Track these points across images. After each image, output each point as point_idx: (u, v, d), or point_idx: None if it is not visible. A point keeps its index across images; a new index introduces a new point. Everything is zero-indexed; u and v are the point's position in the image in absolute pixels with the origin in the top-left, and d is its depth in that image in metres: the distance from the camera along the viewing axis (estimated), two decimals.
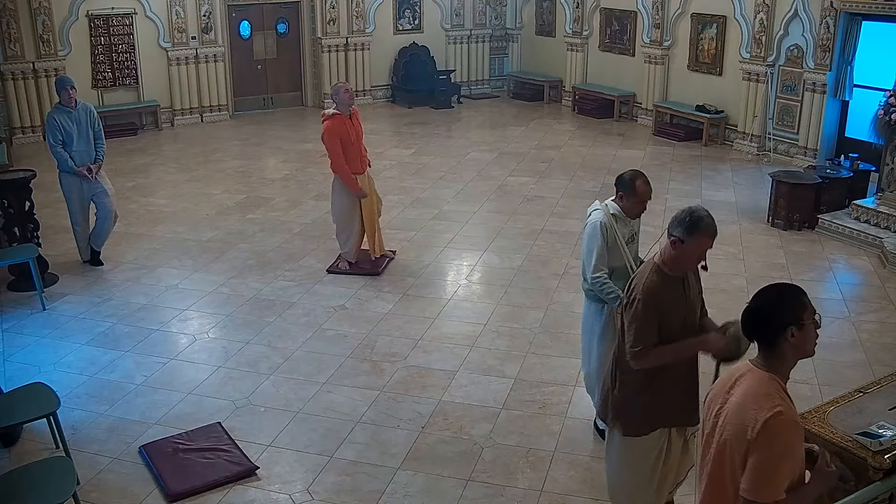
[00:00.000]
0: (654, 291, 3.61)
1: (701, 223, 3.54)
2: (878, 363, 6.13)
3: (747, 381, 2.77)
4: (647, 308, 3.61)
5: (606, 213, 4.77)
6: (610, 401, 3.97)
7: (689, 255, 3.61)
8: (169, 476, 4.81)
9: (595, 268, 4.74)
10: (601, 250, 4.72)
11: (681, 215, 3.60)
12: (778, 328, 2.72)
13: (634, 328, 3.65)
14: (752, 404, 2.69)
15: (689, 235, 3.55)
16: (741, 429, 2.70)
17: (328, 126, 7.49)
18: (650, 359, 3.68)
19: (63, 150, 7.67)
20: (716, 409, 2.86)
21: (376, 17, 15.86)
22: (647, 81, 14.26)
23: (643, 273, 3.69)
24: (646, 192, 4.67)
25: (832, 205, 9.24)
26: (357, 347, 6.45)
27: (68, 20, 13.10)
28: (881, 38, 10.89)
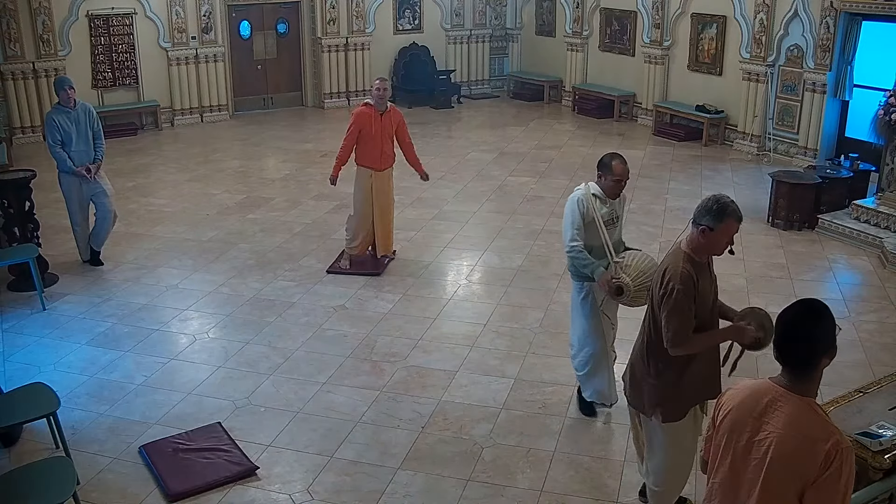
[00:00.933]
0: (691, 278, 3.69)
1: (728, 209, 3.68)
2: (878, 363, 6.13)
3: (788, 411, 2.66)
4: (687, 295, 3.68)
5: (587, 191, 5.04)
6: (646, 390, 4.01)
7: (719, 241, 3.72)
8: (169, 476, 4.81)
9: (571, 238, 5.02)
10: (577, 223, 5.01)
11: (707, 204, 3.70)
12: (819, 353, 2.67)
13: (676, 316, 3.71)
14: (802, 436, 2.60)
15: (718, 222, 3.66)
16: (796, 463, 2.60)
17: (356, 111, 7.64)
18: (690, 345, 3.76)
19: (62, 151, 7.66)
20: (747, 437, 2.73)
21: (376, 17, 15.86)
22: (647, 81, 14.26)
23: (675, 263, 3.74)
24: (622, 171, 4.97)
25: (832, 205, 9.24)
26: (357, 347, 6.45)
27: (68, 20, 13.11)
28: (881, 38, 10.89)
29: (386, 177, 7.81)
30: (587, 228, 5.01)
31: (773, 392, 2.71)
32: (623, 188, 5.08)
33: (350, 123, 7.62)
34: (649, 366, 3.98)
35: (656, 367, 3.95)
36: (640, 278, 4.87)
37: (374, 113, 7.54)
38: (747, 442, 2.72)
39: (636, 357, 4.11)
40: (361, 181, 7.75)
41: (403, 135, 7.83)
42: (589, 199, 5.00)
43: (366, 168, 7.69)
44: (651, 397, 4.00)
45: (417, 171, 8.06)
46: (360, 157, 7.69)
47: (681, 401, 3.96)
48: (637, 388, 4.10)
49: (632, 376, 4.15)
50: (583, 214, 4.99)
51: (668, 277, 3.73)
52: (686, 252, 3.76)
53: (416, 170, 8.06)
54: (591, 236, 5.02)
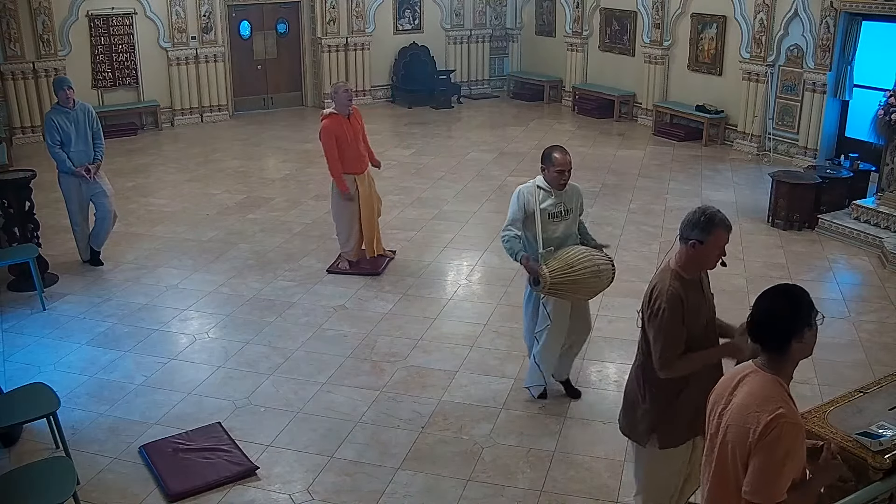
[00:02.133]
0: (678, 297, 3.56)
1: (715, 219, 3.55)
2: (878, 363, 6.13)
3: (750, 383, 2.78)
4: (673, 316, 3.56)
5: (532, 184, 5.30)
6: (639, 415, 3.88)
7: (709, 254, 3.60)
8: (169, 476, 4.81)
9: (506, 227, 5.30)
10: (515, 214, 5.26)
11: (693, 217, 3.58)
12: (790, 334, 2.72)
13: (662, 337, 3.59)
14: (754, 407, 2.70)
15: (707, 234, 3.54)
16: (743, 431, 2.70)
17: (325, 125, 7.54)
18: (679, 367, 3.63)
19: (61, 151, 7.66)
20: (719, 410, 2.86)
21: (376, 17, 15.86)
22: (647, 81, 14.26)
23: (663, 281, 3.62)
24: (562, 161, 5.21)
25: (832, 205, 9.24)
26: (357, 347, 6.45)
27: (68, 20, 13.11)
28: (881, 38, 10.89)
29: (367, 178, 7.81)
30: (527, 220, 5.24)
31: (747, 370, 2.84)
32: (567, 178, 5.25)
33: (323, 139, 7.51)
34: (644, 390, 3.84)
35: (651, 392, 3.81)
36: (565, 271, 5.01)
37: (342, 119, 7.53)
38: (719, 414, 2.86)
39: (631, 383, 3.98)
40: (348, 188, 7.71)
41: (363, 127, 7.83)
42: (532, 191, 5.23)
43: (348, 175, 7.61)
44: (646, 424, 3.86)
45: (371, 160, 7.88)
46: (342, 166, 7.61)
47: (677, 425, 3.80)
48: (630, 416, 3.96)
49: (625, 404, 4.02)
50: (523, 206, 5.23)
51: (656, 297, 3.62)
52: (675, 270, 3.62)
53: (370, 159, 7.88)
54: (528, 226, 5.26)
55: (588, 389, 5.86)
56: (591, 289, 5.21)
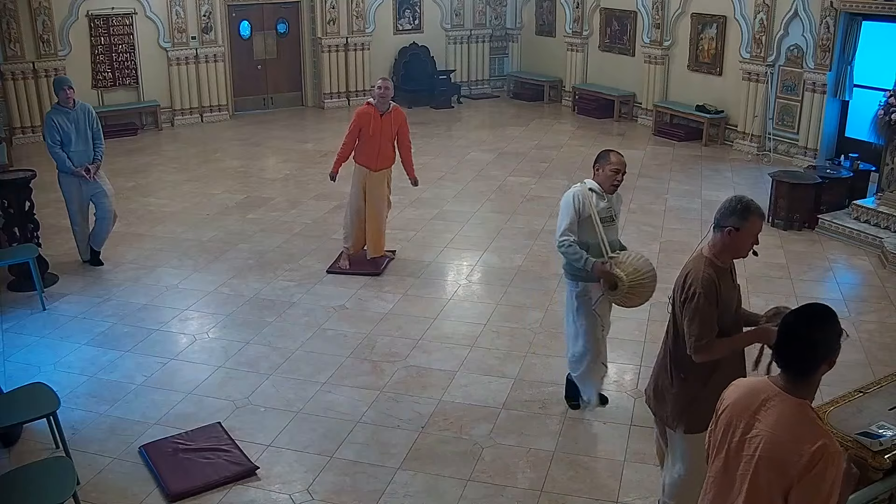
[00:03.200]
0: (713, 283, 3.63)
1: (751, 206, 3.62)
2: (878, 363, 6.13)
3: (779, 410, 2.68)
4: (709, 300, 3.62)
5: (583, 187, 5.05)
6: (669, 400, 3.93)
7: (744, 241, 3.66)
8: (169, 476, 4.81)
9: (563, 232, 4.98)
10: (571, 219, 4.97)
11: (730, 204, 3.64)
12: (819, 361, 2.67)
13: (698, 321, 3.64)
14: (790, 437, 2.61)
15: (743, 220, 3.60)
16: (781, 463, 2.62)
17: (357, 111, 7.70)
18: (713, 351, 3.68)
19: (61, 151, 7.66)
20: (740, 433, 2.76)
21: (376, 17, 15.86)
22: (647, 81, 14.26)
23: (697, 268, 3.69)
24: (619, 160, 5.02)
25: (832, 205, 9.24)
26: (357, 347, 6.45)
27: (68, 20, 13.10)
28: (881, 38, 10.89)
29: (380, 178, 7.81)
30: (583, 225, 4.98)
31: (769, 391, 2.74)
32: (620, 181, 5.04)
33: (351, 122, 7.66)
34: (672, 376, 3.89)
35: (679, 377, 3.86)
36: (635, 275, 4.87)
37: (374, 112, 7.56)
38: (740, 438, 2.76)
39: (659, 368, 4.03)
40: (357, 178, 7.78)
41: (404, 137, 7.82)
42: (586, 194, 4.99)
43: (361, 167, 7.70)
44: (674, 408, 3.90)
45: (409, 174, 8.04)
46: (357, 155, 7.71)
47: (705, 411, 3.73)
48: (661, 400, 4.00)
49: (655, 388, 4.06)
50: (578, 210, 4.97)
51: (690, 282, 3.67)
52: (708, 257, 3.69)
53: (408, 173, 8.03)
54: (587, 233, 4.99)
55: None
56: (648, 293, 5.02)
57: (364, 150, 7.64)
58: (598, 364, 5.40)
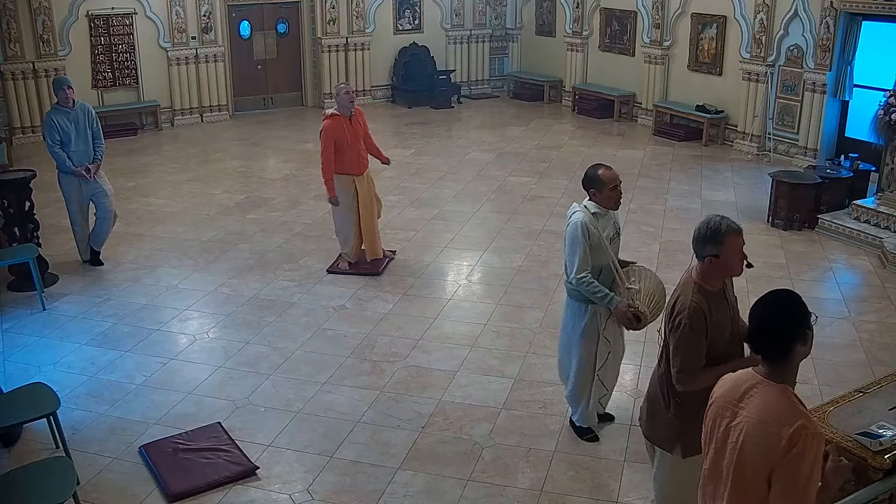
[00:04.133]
0: (700, 311, 3.51)
1: (721, 227, 3.47)
2: (878, 363, 6.13)
3: (760, 397, 2.73)
4: (695, 330, 3.50)
5: (586, 213, 4.79)
6: (663, 424, 3.83)
7: (730, 262, 3.53)
8: (169, 476, 4.81)
9: (579, 269, 4.76)
10: (584, 251, 4.74)
11: (700, 234, 3.50)
12: (793, 341, 2.71)
13: (682, 352, 3.55)
14: (772, 422, 2.65)
15: (719, 245, 3.47)
16: (763, 447, 2.66)
17: (326, 125, 7.56)
18: (699, 382, 3.56)
19: (61, 151, 7.66)
20: (725, 422, 2.82)
21: (376, 17, 15.86)
22: (647, 81, 14.26)
23: (685, 295, 3.57)
24: (612, 176, 4.77)
25: (832, 205, 9.24)
26: (357, 347, 6.45)
27: (68, 20, 13.10)
28: (881, 38, 10.89)
29: (367, 180, 7.81)
30: (594, 252, 4.78)
31: (751, 380, 2.81)
32: (621, 192, 4.86)
33: (323, 139, 7.53)
34: (668, 399, 3.80)
35: (674, 401, 3.77)
36: (653, 301, 4.73)
37: (343, 121, 7.54)
38: (726, 428, 2.83)
39: (654, 390, 3.93)
40: (344, 189, 7.68)
41: (366, 128, 7.85)
42: (591, 221, 4.77)
43: (346, 175, 7.64)
44: (670, 432, 3.81)
45: (380, 158, 7.99)
46: (339, 167, 7.60)
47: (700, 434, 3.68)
48: (654, 422, 3.92)
49: (649, 409, 3.96)
50: (588, 240, 4.74)
51: (678, 311, 3.57)
52: (697, 282, 3.56)
53: (379, 157, 7.99)
54: (598, 257, 4.81)
55: None
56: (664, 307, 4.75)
57: (346, 159, 7.57)
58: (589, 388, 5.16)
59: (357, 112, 7.70)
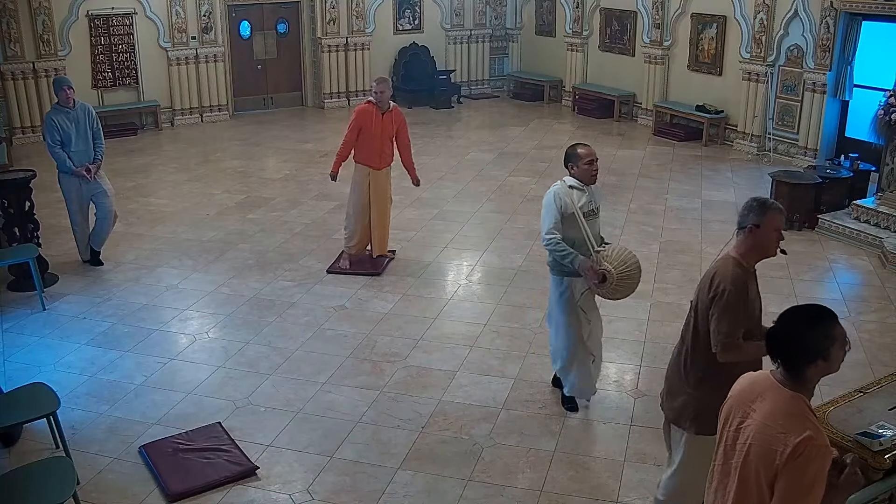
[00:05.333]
0: (743, 282, 3.65)
1: (768, 202, 3.72)
2: (878, 363, 6.13)
3: (772, 401, 2.72)
4: (738, 298, 3.63)
5: (563, 185, 5.11)
6: (683, 401, 3.89)
7: (769, 237, 3.70)
8: (169, 476, 4.81)
9: (549, 230, 5.05)
10: (554, 217, 5.04)
11: (747, 204, 3.72)
12: (807, 360, 2.69)
13: (728, 318, 3.63)
14: (779, 428, 2.64)
15: (762, 216, 3.65)
16: (769, 452, 2.65)
17: (357, 108, 7.70)
18: (740, 351, 3.65)
19: (61, 151, 7.66)
20: (737, 422, 2.81)
21: (376, 17, 15.86)
22: (647, 81, 14.26)
23: (725, 267, 3.69)
24: (588, 151, 5.12)
25: (832, 205, 9.24)
26: (357, 347, 6.45)
27: (68, 20, 13.10)
28: (881, 38, 10.89)
29: (383, 176, 7.81)
30: (567, 222, 5.04)
31: (766, 383, 2.79)
32: (597, 169, 5.13)
33: (351, 120, 7.65)
34: (688, 376, 3.86)
35: (696, 377, 3.82)
36: (622, 268, 4.95)
37: (375, 111, 7.56)
38: (736, 428, 2.82)
39: (672, 370, 4.01)
40: (359, 179, 7.76)
41: (403, 136, 7.82)
42: (566, 191, 5.06)
43: (364, 166, 7.70)
44: (688, 409, 3.87)
45: (410, 174, 8.07)
46: (358, 155, 7.70)
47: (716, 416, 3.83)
48: (673, 400, 3.97)
49: (668, 389, 4.03)
50: (561, 209, 5.03)
51: (719, 281, 3.67)
52: (735, 257, 3.71)
53: (409, 173, 8.06)
54: (571, 229, 5.05)
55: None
56: (635, 285, 5.11)
57: (365, 149, 7.63)
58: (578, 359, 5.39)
59: (395, 112, 7.68)
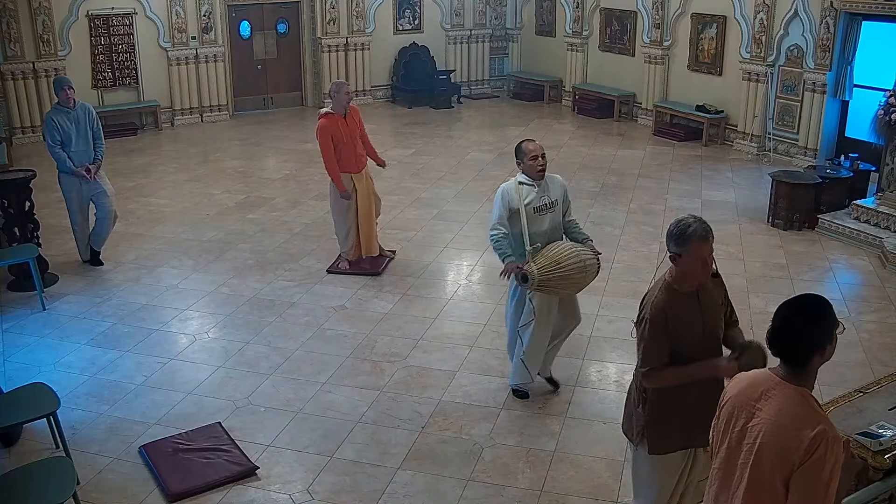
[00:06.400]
0: (662, 309, 3.52)
1: (688, 230, 3.45)
2: (878, 363, 6.13)
3: (778, 399, 2.70)
4: (654, 328, 3.53)
5: (513, 181, 5.33)
6: (635, 418, 3.87)
7: (693, 267, 3.51)
8: (169, 476, 4.81)
9: (494, 226, 5.34)
10: (501, 213, 5.29)
11: (670, 231, 3.52)
12: (813, 350, 2.68)
13: (642, 349, 3.60)
14: (791, 426, 2.63)
15: (683, 246, 3.47)
16: (784, 451, 2.63)
17: (321, 125, 7.56)
18: (661, 380, 3.60)
19: (61, 151, 7.66)
20: (741, 423, 2.79)
21: (376, 17, 15.86)
22: (647, 81, 14.26)
23: (652, 292, 3.61)
24: (533, 147, 5.32)
25: (832, 205, 9.24)
26: (357, 347, 6.45)
27: (68, 20, 13.11)
28: (881, 38, 10.89)
29: (365, 176, 7.80)
30: (513, 217, 5.27)
31: (769, 381, 2.77)
32: (543, 164, 5.28)
33: (319, 138, 7.52)
34: (639, 394, 3.82)
35: (643, 397, 3.78)
36: (551, 267, 5.12)
37: (339, 119, 7.54)
38: (741, 428, 2.79)
39: (631, 385, 3.98)
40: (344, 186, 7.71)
41: (362, 127, 7.84)
42: (515, 188, 5.26)
43: (345, 174, 7.63)
44: (638, 425, 3.84)
45: (375, 160, 8.00)
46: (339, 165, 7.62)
47: (667, 433, 3.75)
48: (628, 417, 3.96)
49: (626, 403, 4.03)
50: (507, 204, 5.26)
51: (643, 307, 3.63)
52: (667, 280, 3.59)
53: (374, 159, 7.99)
54: (513, 223, 5.29)
55: (588, 389, 5.87)
56: (578, 283, 5.32)
57: (343, 157, 7.56)
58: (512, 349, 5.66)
59: (352, 110, 7.68)
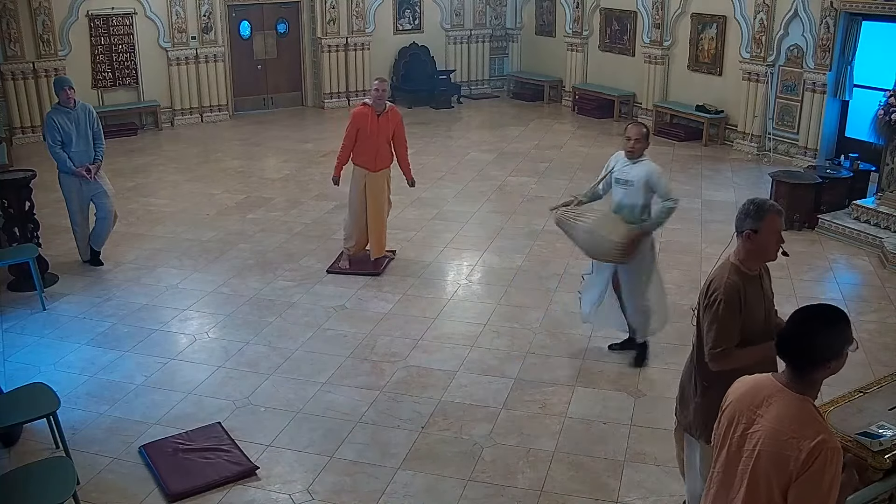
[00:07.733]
0: (736, 290, 3.56)
1: (766, 204, 3.63)
2: (878, 363, 6.13)
3: (779, 405, 2.68)
4: (729, 308, 3.55)
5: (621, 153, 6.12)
6: (693, 409, 3.86)
7: (768, 242, 3.62)
8: (169, 476, 4.81)
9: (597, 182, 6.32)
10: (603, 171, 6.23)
11: (744, 208, 3.62)
12: (821, 362, 2.66)
13: (716, 328, 3.58)
14: (790, 433, 2.61)
15: (759, 221, 3.57)
16: (781, 458, 2.62)
17: (353, 112, 7.73)
18: (731, 360, 3.59)
19: (62, 151, 7.66)
20: (742, 428, 2.77)
21: (376, 17, 15.85)
22: (647, 81, 14.26)
23: (721, 274, 3.63)
24: (629, 130, 6.05)
25: (832, 205, 9.24)
26: (357, 347, 6.45)
27: (68, 20, 13.10)
28: (881, 38, 10.89)
29: (380, 178, 7.80)
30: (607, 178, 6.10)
31: (771, 387, 2.74)
32: (631, 146, 5.95)
33: (348, 123, 7.65)
34: (696, 384, 3.83)
35: (702, 386, 3.79)
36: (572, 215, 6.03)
37: (371, 113, 7.57)
38: (741, 434, 2.77)
39: (685, 376, 3.98)
40: (356, 180, 7.77)
41: (400, 136, 7.82)
42: (616, 157, 6.10)
43: (361, 168, 7.69)
44: (696, 417, 3.83)
45: (406, 175, 8.04)
46: (356, 157, 7.70)
47: None
48: (685, 408, 3.95)
49: (681, 396, 4.01)
50: (607, 165, 6.12)
51: (713, 288, 3.62)
52: (734, 263, 3.62)
53: (405, 174, 8.03)
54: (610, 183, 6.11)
55: (588, 389, 5.86)
56: (582, 243, 6.07)
57: (362, 151, 7.63)
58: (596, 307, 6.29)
59: (393, 112, 7.70)
